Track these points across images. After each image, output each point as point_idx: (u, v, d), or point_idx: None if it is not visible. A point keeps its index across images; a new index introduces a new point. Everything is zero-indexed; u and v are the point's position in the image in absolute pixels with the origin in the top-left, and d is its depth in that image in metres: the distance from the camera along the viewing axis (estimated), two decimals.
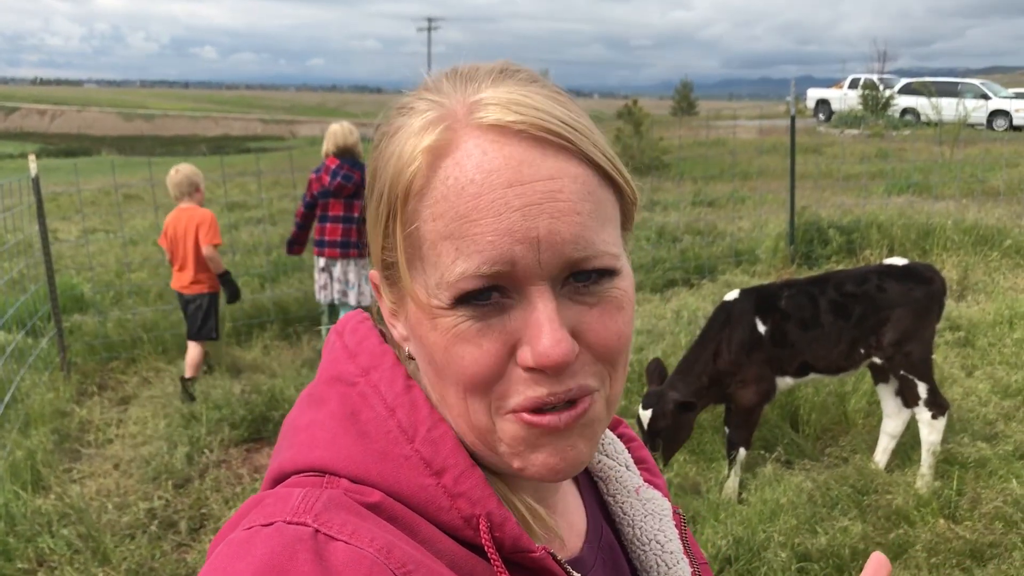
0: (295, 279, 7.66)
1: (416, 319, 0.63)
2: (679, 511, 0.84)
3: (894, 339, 3.95)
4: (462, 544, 0.62)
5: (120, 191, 10.92)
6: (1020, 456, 4.06)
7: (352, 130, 5.49)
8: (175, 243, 5.41)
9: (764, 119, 27.72)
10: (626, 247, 0.66)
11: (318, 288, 5.65)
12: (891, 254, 7.77)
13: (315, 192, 5.41)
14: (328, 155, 5.39)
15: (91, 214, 11.79)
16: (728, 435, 4.12)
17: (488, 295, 0.59)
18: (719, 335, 4.05)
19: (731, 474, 4.04)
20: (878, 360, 4.02)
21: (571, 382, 0.60)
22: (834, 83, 29.75)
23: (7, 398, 5.00)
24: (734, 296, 4.17)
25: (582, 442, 0.63)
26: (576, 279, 0.60)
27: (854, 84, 27.12)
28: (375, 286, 0.70)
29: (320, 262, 5.57)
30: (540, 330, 0.58)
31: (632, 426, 0.96)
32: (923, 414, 3.97)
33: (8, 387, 5.15)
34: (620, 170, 0.64)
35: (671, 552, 0.79)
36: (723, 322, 4.07)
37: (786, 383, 4.12)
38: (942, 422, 3.97)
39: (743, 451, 4.06)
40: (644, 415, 3.86)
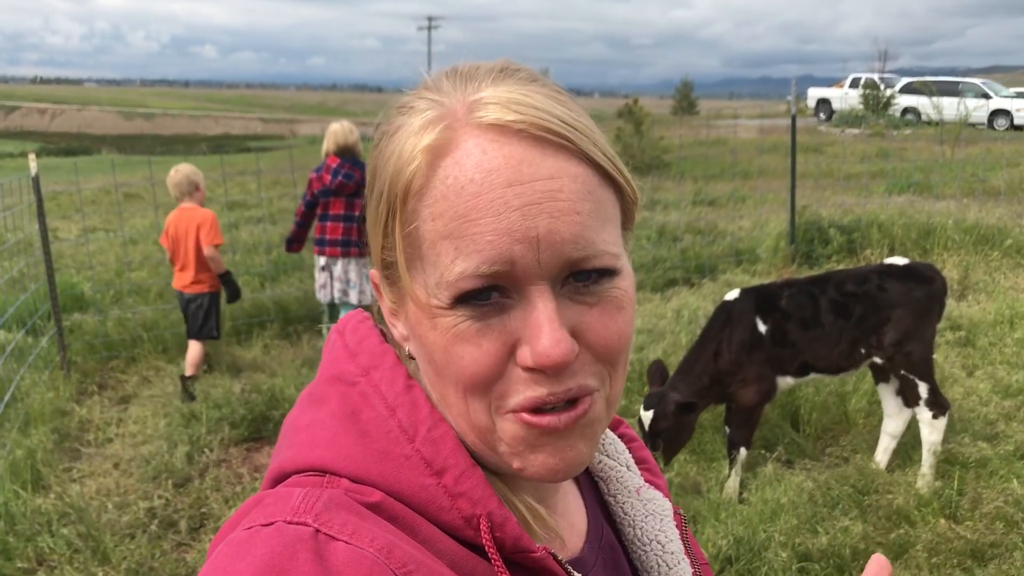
0: (295, 278, 7.65)
1: (416, 319, 0.63)
2: (680, 511, 0.84)
3: (895, 339, 3.94)
4: (463, 544, 0.62)
5: (120, 190, 10.91)
6: (1021, 456, 4.05)
7: (352, 129, 5.49)
8: (176, 243, 5.42)
9: (765, 118, 27.73)
10: (627, 247, 0.66)
11: (318, 287, 5.65)
12: (892, 254, 7.76)
13: (316, 191, 5.42)
14: (328, 154, 5.39)
15: (91, 213, 11.77)
16: (729, 435, 4.12)
17: (488, 295, 0.59)
18: (720, 335, 4.05)
19: (732, 474, 4.04)
20: (879, 360, 4.02)
21: (571, 382, 0.60)
22: (835, 82, 29.74)
23: (7, 397, 5.00)
24: (734, 296, 4.17)
25: (582, 442, 0.62)
26: (576, 279, 0.60)
27: (855, 83, 27.10)
28: (375, 285, 0.70)
29: (321, 261, 5.57)
30: (540, 330, 0.58)
31: (632, 426, 0.96)
32: (924, 414, 3.97)
33: (8, 386, 5.15)
34: (620, 169, 0.63)
35: (672, 552, 0.79)
36: (724, 322, 4.06)
37: (787, 383, 4.11)
38: (943, 422, 3.96)
39: (744, 451, 4.06)
40: (646, 416, 3.86)
